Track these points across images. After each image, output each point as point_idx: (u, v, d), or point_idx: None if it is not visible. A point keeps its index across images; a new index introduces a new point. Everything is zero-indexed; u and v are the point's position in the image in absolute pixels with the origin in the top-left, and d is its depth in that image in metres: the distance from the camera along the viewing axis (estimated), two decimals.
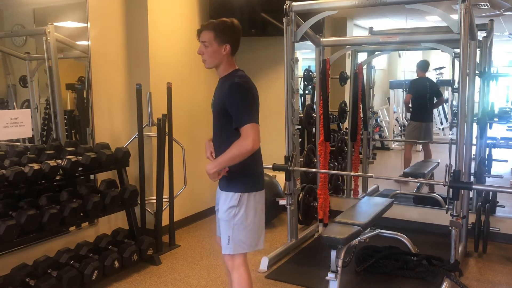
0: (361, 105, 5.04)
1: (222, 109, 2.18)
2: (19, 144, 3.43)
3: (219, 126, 2.27)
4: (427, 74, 5.99)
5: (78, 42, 3.71)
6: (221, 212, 2.30)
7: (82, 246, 3.21)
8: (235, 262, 2.30)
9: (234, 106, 2.13)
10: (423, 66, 5.71)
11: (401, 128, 7.17)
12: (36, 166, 2.83)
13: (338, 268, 2.70)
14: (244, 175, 2.26)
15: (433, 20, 6.51)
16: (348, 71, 5.48)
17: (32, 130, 3.40)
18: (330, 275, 2.69)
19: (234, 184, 2.25)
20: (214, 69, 2.32)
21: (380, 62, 6.58)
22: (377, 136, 6.88)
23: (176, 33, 4.30)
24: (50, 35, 3.39)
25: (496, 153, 4.75)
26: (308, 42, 4.15)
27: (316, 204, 4.28)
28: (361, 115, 5.09)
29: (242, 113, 2.10)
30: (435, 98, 5.74)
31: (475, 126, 4.06)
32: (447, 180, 3.00)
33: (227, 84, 2.19)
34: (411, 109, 5.82)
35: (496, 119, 4.58)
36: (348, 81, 5.40)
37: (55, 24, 3.43)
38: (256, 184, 2.30)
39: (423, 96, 5.64)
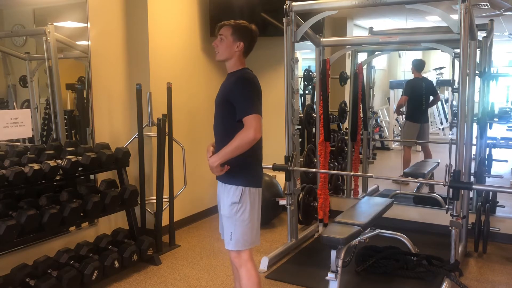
0: (361, 105, 5.04)
1: (226, 101, 2.26)
2: (19, 144, 3.43)
3: (221, 118, 2.34)
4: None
5: (78, 42, 3.71)
6: (223, 208, 2.34)
7: (82, 246, 3.21)
8: (242, 258, 2.34)
9: (239, 97, 2.21)
10: (419, 65, 5.64)
11: (401, 128, 7.17)
12: (36, 166, 2.83)
13: (338, 268, 2.70)
14: (245, 169, 2.31)
15: (433, 20, 6.52)
16: (348, 71, 5.48)
17: (32, 130, 3.40)
18: (330, 275, 2.69)
19: (236, 177, 2.30)
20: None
21: (380, 62, 6.59)
22: (377, 136, 6.88)
23: (176, 33, 4.30)
24: (50, 35, 3.39)
25: (496, 153, 4.75)
26: (308, 42, 4.15)
27: (316, 204, 4.28)
28: (361, 115, 5.09)
29: (246, 104, 2.18)
30: (431, 98, 5.73)
31: (475, 126, 4.06)
32: (447, 180, 3.00)
33: (234, 78, 2.28)
34: (406, 110, 5.80)
35: (496, 119, 4.58)
36: (348, 81, 5.40)
37: (55, 24, 3.43)
38: (257, 180, 2.36)
39: (419, 97, 5.63)
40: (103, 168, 3.37)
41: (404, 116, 5.92)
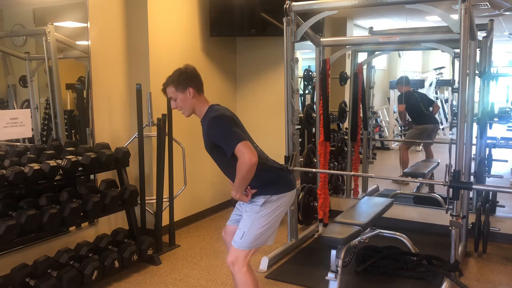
0: (361, 105, 5.04)
1: (213, 145, 2.33)
2: (19, 144, 3.43)
3: (219, 160, 2.42)
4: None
5: (78, 42, 3.71)
6: (246, 204, 2.39)
7: (82, 246, 3.21)
8: (239, 258, 2.34)
9: (220, 137, 2.28)
10: (404, 81, 5.74)
11: (401, 128, 7.17)
12: (36, 166, 2.83)
13: (338, 268, 2.70)
14: (265, 185, 2.36)
15: (433, 20, 6.51)
16: (348, 71, 5.48)
17: (32, 130, 3.40)
18: (330, 275, 2.70)
19: (259, 193, 2.36)
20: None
21: (380, 62, 6.58)
22: (377, 136, 6.88)
23: (176, 33, 4.30)
24: (50, 35, 3.39)
25: (496, 153, 4.75)
26: (308, 42, 4.15)
27: (316, 204, 4.28)
28: (361, 115, 5.09)
29: (228, 140, 2.23)
30: (430, 108, 5.78)
31: (475, 126, 4.06)
32: (447, 180, 3.00)
33: (206, 123, 2.36)
34: (410, 118, 5.83)
35: (496, 119, 4.58)
36: (348, 81, 5.40)
37: (55, 24, 3.43)
38: (279, 188, 2.38)
39: (416, 104, 5.69)
40: (103, 168, 3.37)
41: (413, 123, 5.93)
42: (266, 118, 5.10)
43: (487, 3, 5.23)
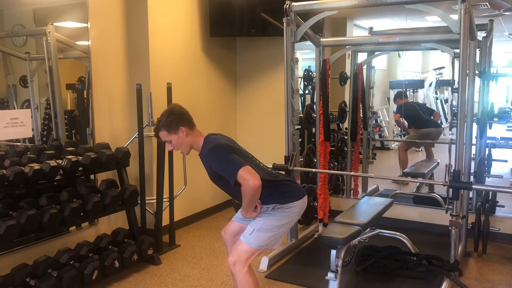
0: (361, 105, 5.04)
1: (216, 175, 2.35)
2: (19, 144, 3.43)
3: (226, 188, 2.46)
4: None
5: (78, 42, 3.71)
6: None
7: (82, 246, 3.21)
8: (241, 259, 2.34)
9: (220, 168, 2.28)
10: (402, 94, 5.80)
11: (400, 128, 7.17)
12: (36, 166, 2.83)
13: (338, 268, 2.70)
14: (275, 197, 2.40)
15: (433, 20, 6.51)
16: (348, 71, 5.48)
17: (32, 130, 3.40)
18: (330, 275, 2.70)
19: (271, 202, 2.41)
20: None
21: (380, 62, 6.58)
22: (377, 136, 6.88)
23: (176, 33, 4.31)
24: (50, 35, 3.39)
25: (496, 153, 4.75)
26: (308, 42, 4.15)
27: (316, 204, 4.28)
28: (361, 115, 5.09)
29: (228, 169, 2.24)
30: (431, 117, 5.80)
31: (475, 126, 4.06)
32: (447, 180, 3.01)
33: (205, 156, 2.35)
34: (408, 124, 5.86)
35: (495, 119, 4.57)
36: (348, 81, 5.40)
37: (55, 24, 3.43)
38: (289, 197, 2.43)
39: (414, 111, 5.73)
40: (103, 168, 3.37)
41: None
42: (266, 118, 5.10)
43: (487, 3, 5.22)
